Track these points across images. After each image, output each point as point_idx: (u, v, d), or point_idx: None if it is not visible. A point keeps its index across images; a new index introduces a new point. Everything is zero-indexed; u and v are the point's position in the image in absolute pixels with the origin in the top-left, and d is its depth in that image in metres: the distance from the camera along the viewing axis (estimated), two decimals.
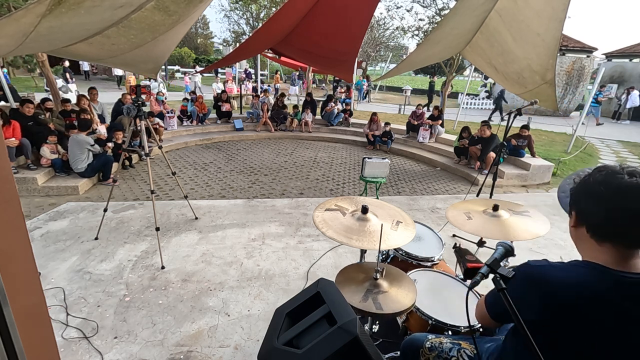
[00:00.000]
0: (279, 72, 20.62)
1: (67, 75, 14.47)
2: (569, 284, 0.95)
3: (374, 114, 9.06)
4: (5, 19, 2.13)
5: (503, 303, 0.97)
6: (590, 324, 0.93)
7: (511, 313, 0.93)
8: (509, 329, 1.23)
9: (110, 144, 5.87)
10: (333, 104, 10.50)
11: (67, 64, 14.61)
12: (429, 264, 2.29)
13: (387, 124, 8.81)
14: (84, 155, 5.22)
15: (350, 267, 1.92)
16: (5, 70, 14.24)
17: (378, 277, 1.76)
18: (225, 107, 9.80)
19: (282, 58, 10.67)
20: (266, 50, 8.79)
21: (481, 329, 1.75)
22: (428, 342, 1.50)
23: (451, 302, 1.91)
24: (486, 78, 20.24)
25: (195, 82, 15.87)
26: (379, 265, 1.78)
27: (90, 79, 21.48)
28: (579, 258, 1.08)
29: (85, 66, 21.53)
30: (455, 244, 1.98)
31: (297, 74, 18.52)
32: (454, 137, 8.33)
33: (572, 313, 0.94)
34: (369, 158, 4.42)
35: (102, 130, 6.26)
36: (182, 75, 20.36)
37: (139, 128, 3.47)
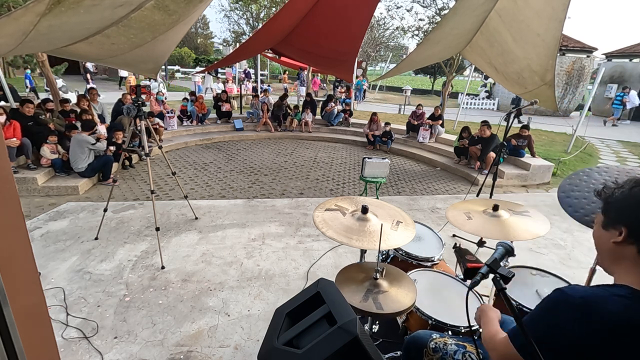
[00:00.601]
0: (287, 72, 20.60)
1: (88, 75, 14.37)
2: (628, 320, 0.81)
3: (374, 114, 9.06)
4: (5, 18, 2.14)
5: (535, 331, 0.86)
6: None
7: (507, 305, 0.91)
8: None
9: (112, 148, 5.86)
10: (333, 104, 10.50)
11: (89, 65, 14.41)
12: (429, 264, 2.29)
13: (387, 124, 8.81)
14: (85, 155, 5.22)
15: (350, 267, 1.92)
16: (28, 71, 14.24)
17: (378, 277, 1.75)
18: (225, 107, 9.80)
19: (282, 58, 10.69)
20: (266, 50, 8.80)
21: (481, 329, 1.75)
22: (432, 343, 1.48)
23: (451, 302, 1.91)
24: (486, 78, 20.25)
25: (207, 83, 15.70)
26: (379, 265, 1.78)
27: (93, 79, 21.34)
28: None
29: (90, 67, 21.40)
30: (455, 244, 1.98)
31: (306, 73, 18.53)
32: (454, 137, 8.33)
33: (619, 352, 0.81)
34: (369, 158, 4.42)
35: (102, 130, 6.26)
36: (189, 76, 20.28)
37: (139, 128, 3.47)
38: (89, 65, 21.02)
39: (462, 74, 15.58)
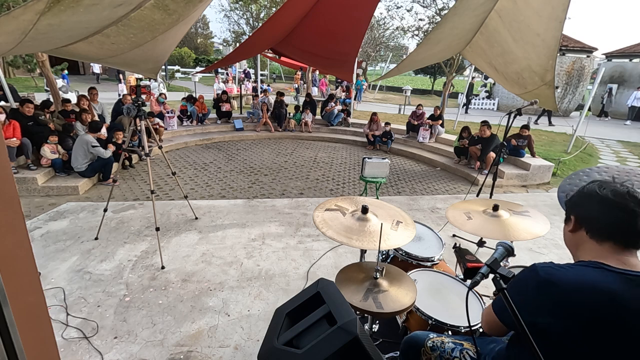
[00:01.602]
0: (299, 73, 20.55)
1: (121, 76, 14.38)
2: (581, 285, 0.97)
3: (374, 114, 9.06)
4: (4, 17, 2.14)
5: (518, 309, 0.96)
6: (603, 324, 0.94)
7: (512, 314, 0.93)
8: (512, 334, 1.22)
9: (112, 147, 5.85)
10: (333, 104, 10.50)
11: (96, 68, 14.23)
12: (429, 264, 2.29)
13: (387, 124, 8.81)
14: (86, 155, 5.21)
15: (351, 266, 1.92)
16: (66, 72, 14.21)
17: (378, 276, 1.75)
18: (225, 107, 9.80)
19: (282, 58, 10.67)
20: (266, 50, 8.79)
21: (481, 329, 1.75)
22: (429, 342, 1.49)
23: (451, 302, 1.91)
24: (486, 78, 20.25)
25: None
26: (379, 264, 1.78)
27: (99, 82, 21.18)
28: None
29: (96, 68, 21.27)
30: (455, 244, 1.98)
31: (317, 74, 18.54)
32: (454, 137, 8.33)
33: (586, 313, 0.95)
34: (369, 158, 4.42)
35: (102, 130, 6.25)
36: (189, 76, 20.19)
37: (139, 128, 3.47)
38: (96, 67, 20.97)
39: (462, 74, 15.58)
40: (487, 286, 1.36)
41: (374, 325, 2.06)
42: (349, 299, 1.42)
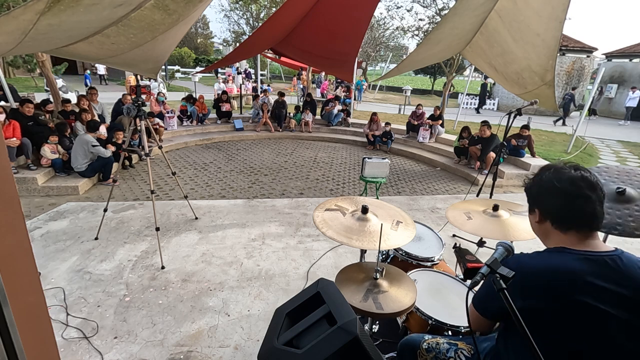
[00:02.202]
0: (305, 74, 20.59)
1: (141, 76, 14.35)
2: (544, 269, 1.06)
3: (374, 113, 9.06)
4: (4, 17, 2.14)
5: (493, 300, 1.07)
6: (567, 302, 1.01)
7: (507, 304, 0.95)
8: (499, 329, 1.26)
9: (111, 147, 5.85)
10: (333, 104, 10.49)
11: (100, 69, 13.97)
12: (429, 264, 2.29)
13: (387, 124, 8.81)
14: (86, 155, 5.21)
15: (350, 267, 1.92)
16: (88, 72, 14.15)
17: (378, 277, 1.75)
18: (225, 107, 9.80)
19: (282, 58, 10.68)
20: (266, 50, 8.80)
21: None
22: (425, 343, 1.51)
23: (451, 302, 1.91)
24: (486, 78, 20.26)
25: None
26: (378, 265, 1.78)
27: (107, 84, 21.11)
28: None
29: (101, 70, 21.17)
30: (455, 244, 1.98)
31: (323, 75, 18.55)
32: (454, 137, 8.33)
33: (550, 293, 1.02)
34: (369, 158, 4.42)
35: (102, 130, 6.26)
36: (189, 76, 20.20)
37: (139, 128, 3.47)
38: (101, 69, 20.91)
39: (462, 74, 15.58)
40: None
41: (374, 326, 2.06)
42: (348, 299, 1.42)
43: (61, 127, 5.64)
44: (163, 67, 17.15)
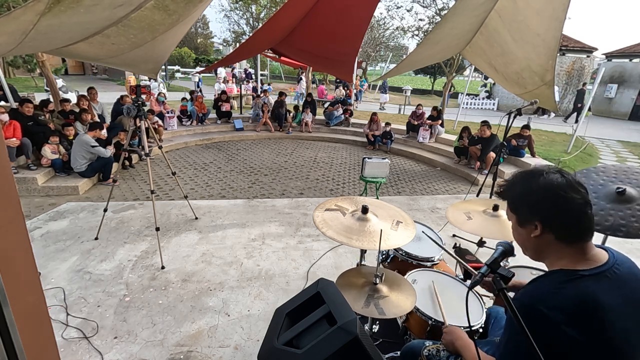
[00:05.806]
0: (305, 76, 20.60)
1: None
2: (571, 302, 0.93)
3: (374, 114, 9.06)
4: (4, 17, 2.14)
5: (526, 348, 0.86)
6: (598, 329, 0.92)
7: (507, 304, 0.92)
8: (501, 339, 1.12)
9: (112, 148, 5.85)
10: (339, 105, 10.50)
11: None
12: (429, 264, 2.29)
13: (387, 124, 8.81)
14: (86, 155, 5.21)
15: (349, 271, 1.92)
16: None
17: (378, 282, 1.76)
18: (225, 107, 9.80)
19: (282, 58, 10.67)
20: (266, 50, 8.79)
21: (481, 329, 1.75)
22: (425, 350, 1.51)
23: (451, 302, 1.91)
24: (486, 78, 20.26)
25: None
26: (378, 270, 1.78)
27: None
28: None
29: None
30: (455, 244, 1.97)
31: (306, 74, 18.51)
32: (454, 137, 8.32)
33: (588, 325, 0.91)
34: (369, 158, 4.42)
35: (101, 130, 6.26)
36: (189, 76, 20.15)
37: (138, 128, 3.47)
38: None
39: (462, 74, 15.59)
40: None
41: (374, 326, 2.06)
42: (351, 305, 1.42)
43: (64, 129, 5.66)
44: (163, 67, 17.15)
